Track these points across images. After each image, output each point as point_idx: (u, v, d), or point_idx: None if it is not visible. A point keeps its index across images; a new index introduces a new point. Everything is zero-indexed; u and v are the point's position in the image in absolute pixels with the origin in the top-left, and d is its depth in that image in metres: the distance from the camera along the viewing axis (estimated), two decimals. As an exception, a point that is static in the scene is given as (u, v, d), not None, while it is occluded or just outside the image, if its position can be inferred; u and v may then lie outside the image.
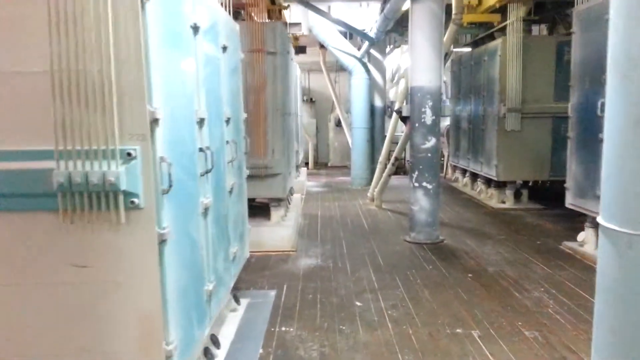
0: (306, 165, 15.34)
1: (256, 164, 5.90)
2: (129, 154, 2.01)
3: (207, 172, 2.84)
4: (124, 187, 2.00)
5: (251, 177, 5.89)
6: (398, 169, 9.41)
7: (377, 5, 10.35)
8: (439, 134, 6.33)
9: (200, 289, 2.70)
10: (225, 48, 3.44)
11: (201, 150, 2.73)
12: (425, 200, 6.27)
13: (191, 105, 2.64)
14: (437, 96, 6.22)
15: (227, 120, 3.48)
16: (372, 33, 9.50)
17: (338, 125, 15.15)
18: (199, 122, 2.75)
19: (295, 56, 12.72)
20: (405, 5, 8.20)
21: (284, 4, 7.91)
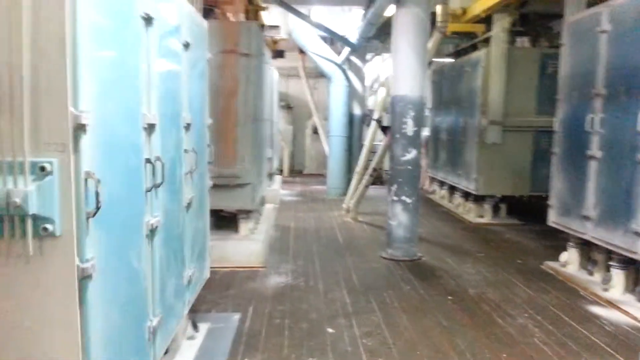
0: (281, 172, 14.94)
1: (224, 172, 5.49)
2: (42, 168, 1.60)
3: (157, 186, 2.42)
4: (33, 210, 1.59)
5: (218, 187, 5.49)
6: (375, 179, 9.14)
7: (359, 11, 10.06)
8: (420, 146, 6.03)
9: (141, 328, 2.27)
10: (187, 45, 3.04)
11: (149, 161, 2.32)
12: (404, 215, 5.95)
13: (137, 108, 2.23)
14: (420, 106, 5.92)
15: (187, 127, 3.07)
16: (353, 39, 9.20)
17: (315, 132, 14.79)
18: (148, 128, 2.34)
19: (273, 60, 12.40)
20: (390, 12, 7.94)
21: (262, 4, 7.54)
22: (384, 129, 6.40)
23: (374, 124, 8.69)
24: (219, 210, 5.73)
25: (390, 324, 4.08)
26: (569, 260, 5.47)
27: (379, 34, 10.71)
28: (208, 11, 5.75)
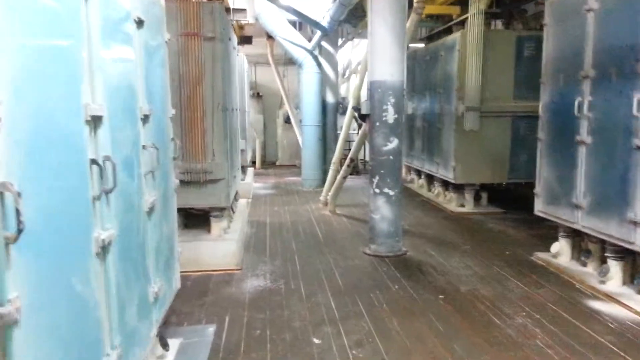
0: (253, 164, 14.44)
1: (194, 168, 5.03)
2: None
3: (107, 192, 1.98)
4: None
5: (188, 184, 5.04)
6: (352, 168, 8.81)
7: (329, -7, 9.59)
8: (402, 135, 5.69)
9: (92, 369, 1.84)
10: (140, 22, 2.57)
11: (95, 162, 1.87)
12: (386, 208, 5.62)
13: (74, 98, 1.77)
14: (400, 92, 5.57)
15: (145, 119, 2.61)
16: (324, 22, 8.76)
17: (287, 121, 14.32)
18: (92, 121, 1.88)
19: (240, 47, 11.83)
20: (362, -8, 7.53)
21: (227, -15, 6.99)
22: (362, 117, 6.02)
23: (349, 112, 8.32)
24: (188, 208, 5.27)
25: (380, 330, 3.74)
26: (560, 250, 5.25)
27: (351, 18, 10.32)
28: (168, -10, 5.22)
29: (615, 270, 4.43)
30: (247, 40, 12.07)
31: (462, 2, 8.07)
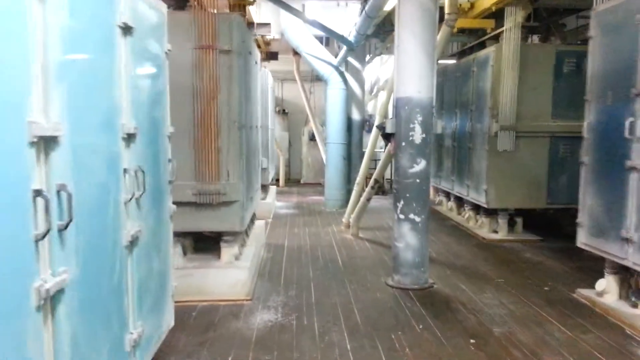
0: (277, 182, 14.15)
1: (206, 189, 4.70)
2: None
3: (62, 229, 1.63)
4: None
5: (199, 206, 4.72)
6: (377, 189, 8.33)
7: (356, 6, 9.30)
8: (430, 156, 5.23)
9: None
10: (128, 29, 2.26)
11: (39, 194, 1.51)
12: (412, 236, 5.15)
13: (16, 115, 1.43)
14: (429, 110, 5.14)
15: (129, 137, 2.27)
16: (351, 37, 8.43)
17: (312, 139, 14.00)
18: (40, 142, 1.54)
19: (266, 63, 11.65)
20: (390, 5, 7.18)
21: (249, -2, 6.76)
22: (387, 137, 5.61)
23: (375, 130, 7.92)
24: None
25: (401, 381, 3.27)
26: (607, 288, 4.66)
27: (378, 32, 9.98)
28: (182, 0, 4.99)
29: (677, 317, 3.84)
30: (273, 56, 11.91)
31: (497, 15, 7.61)
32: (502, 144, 7.38)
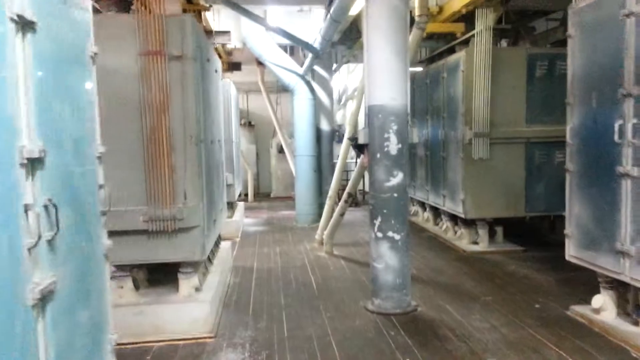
0: (245, 197, 13.57)
1: (159, 214, 4.13)
2: None
3: None
4: None
5: (152, 234, 4.16)
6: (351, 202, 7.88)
7: (320, 12, 8.91)
8: (406, 167, 4.83)
9: None
10: (28, 24, 1.74)
11: None
12: (392, 256, 4.71)
13: None
14: (404, 118, 4.75)
15: (33, 163, 1.74)
16: (316, 43, 8.03)
17: (281, 151, 13.51)
18: None
19: (229, 74, 11.12)
20: (357, 7, 6.81)
21: (205, 3, 6.27)
22: (360, 148, 5.19)
23: (345, 141, 7.51)
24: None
25: None
26: (604, 305, 4.32)
27: (345, 39, 9.63)
28: (126, 3, 4.45)
29: (686, 337, 3.51)
30: (236, 66, 11.39)
31: (466, 18, 7.35)
32: (477, 152, 7.09)
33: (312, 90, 9.74)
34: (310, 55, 8.96)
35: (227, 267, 6.05)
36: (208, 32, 7.26)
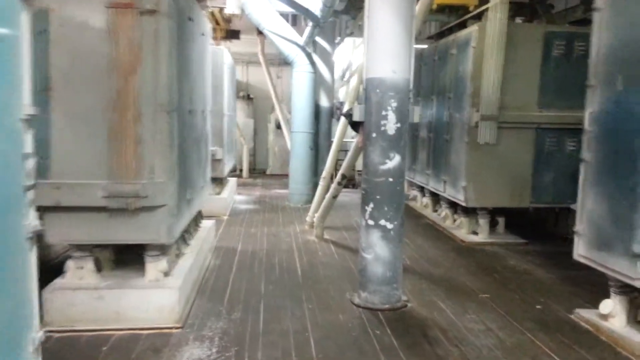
0: (240, 173, 13.13)
1: (120, 190, 3.68)
2: None
3: None
4: None
5: (113, 212, 3.72)
6: (348, 181, 7.41)
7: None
8: (405, 150, 4.35)
9: None
10: None
11: None
12: (382, 246, 4.28)
13: None
14: (405, 94, 4.25)
15: None
16: (317, 10, 7.45)
17: (279, 127, 13.00)
18: None
19: (228, 43, 10.54)
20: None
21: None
22: (355, 126, 4.71)
23: (343, 119, 7.01)
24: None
25: None
26: (613, 311, 3.90)
27: (349, 9, 9.03)
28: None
29: None
30: (234, 34, 10.78)
31: (480, -9, 6.78)
32: (483, 136, 6.60)
33: (312, 63, 9.19)
34: (311, 25, 8.39)
35: (208, 248, 5.65)
36: (200, -6, 6.69)
